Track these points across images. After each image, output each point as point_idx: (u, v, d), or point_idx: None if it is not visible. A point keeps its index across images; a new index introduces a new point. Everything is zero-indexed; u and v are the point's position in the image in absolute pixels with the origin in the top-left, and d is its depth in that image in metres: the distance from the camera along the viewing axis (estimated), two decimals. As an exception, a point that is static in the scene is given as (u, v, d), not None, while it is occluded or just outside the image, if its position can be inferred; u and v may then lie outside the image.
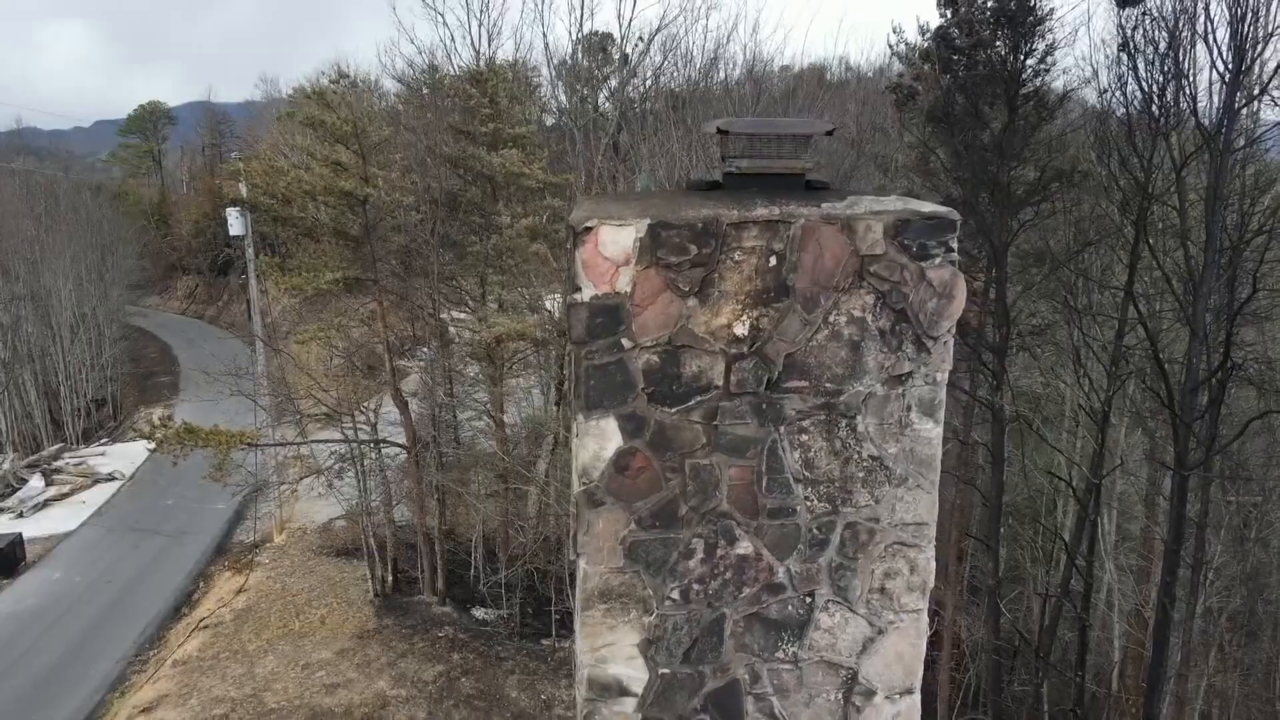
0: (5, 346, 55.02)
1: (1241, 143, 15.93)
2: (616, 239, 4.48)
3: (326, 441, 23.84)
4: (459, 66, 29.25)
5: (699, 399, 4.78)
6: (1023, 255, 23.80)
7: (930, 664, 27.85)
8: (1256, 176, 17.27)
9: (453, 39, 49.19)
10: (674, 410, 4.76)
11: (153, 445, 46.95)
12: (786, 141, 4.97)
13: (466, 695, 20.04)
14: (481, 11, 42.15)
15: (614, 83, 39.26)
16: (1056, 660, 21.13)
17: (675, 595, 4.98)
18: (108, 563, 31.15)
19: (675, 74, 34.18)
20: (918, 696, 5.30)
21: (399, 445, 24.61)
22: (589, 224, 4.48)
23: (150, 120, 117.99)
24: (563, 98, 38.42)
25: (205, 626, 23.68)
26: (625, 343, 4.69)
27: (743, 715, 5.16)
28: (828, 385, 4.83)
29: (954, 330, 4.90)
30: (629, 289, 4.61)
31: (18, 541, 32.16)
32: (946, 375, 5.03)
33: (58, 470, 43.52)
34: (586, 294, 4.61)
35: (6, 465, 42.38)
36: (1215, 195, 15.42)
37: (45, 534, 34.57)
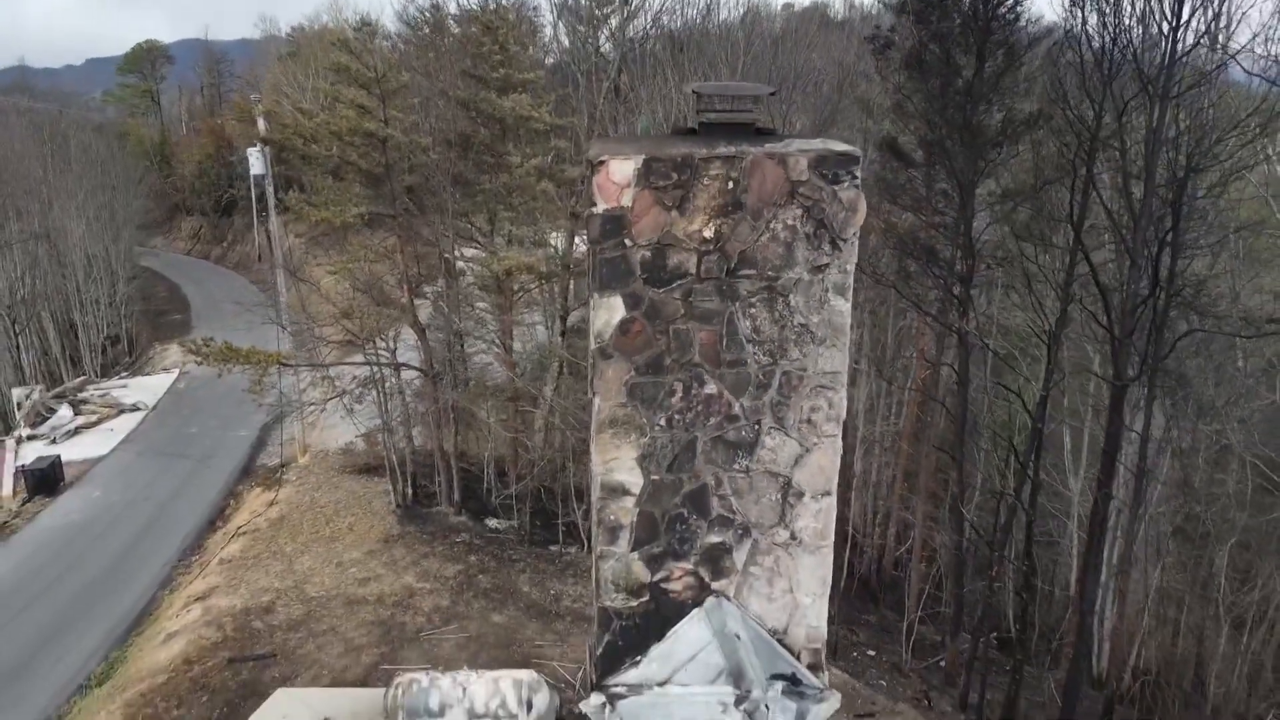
0: (24, 285, 56.55)
1: (1181, 88, 17.56)
2: (621, 168, 6.50)
3: (352, 364, 25.84)
4: (462, 5, 30.45)
5: (679, 282, 6.83)
6: (1003, 192, 25.55)
7: (903, 566, 30.31)
8: (1201, 117, 18.90)
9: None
10: (661, 290, 6.82)
11: (184, 369, 49.03)
12: (742, 100, 6.95)
13: (484, 589, 22.36)
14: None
15: (614, 22, 40.29)
16: (1011, 556, 23.41)
17: (662, 423, 7.07)
18: (143, 483, 33.37)
19: (675, 16, 35.38)
20: (834, 497, 7.42)
21: (417, 369, 26.63)
22: (602, 157, 6.51)
23: (147, 59, 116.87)
24: (564, 40, 39.59)
25: (244, 533, 25.96)
26: (627, 242, 6.74)
27: (710, 510, 7.29)
28: (769, 273, 6.87)
29: (858, 233, 6.91)
30: (630, 204, 6.65)
31: (57, 463, 34.39)
32: (854, 266, 7.04)
33: (84, 401, 45.55)
34: (600, 207, 6.64)
35: (35, 396, 44.43)
36: (1154, 137, 17.18)
37: (80, 458, 36.69)
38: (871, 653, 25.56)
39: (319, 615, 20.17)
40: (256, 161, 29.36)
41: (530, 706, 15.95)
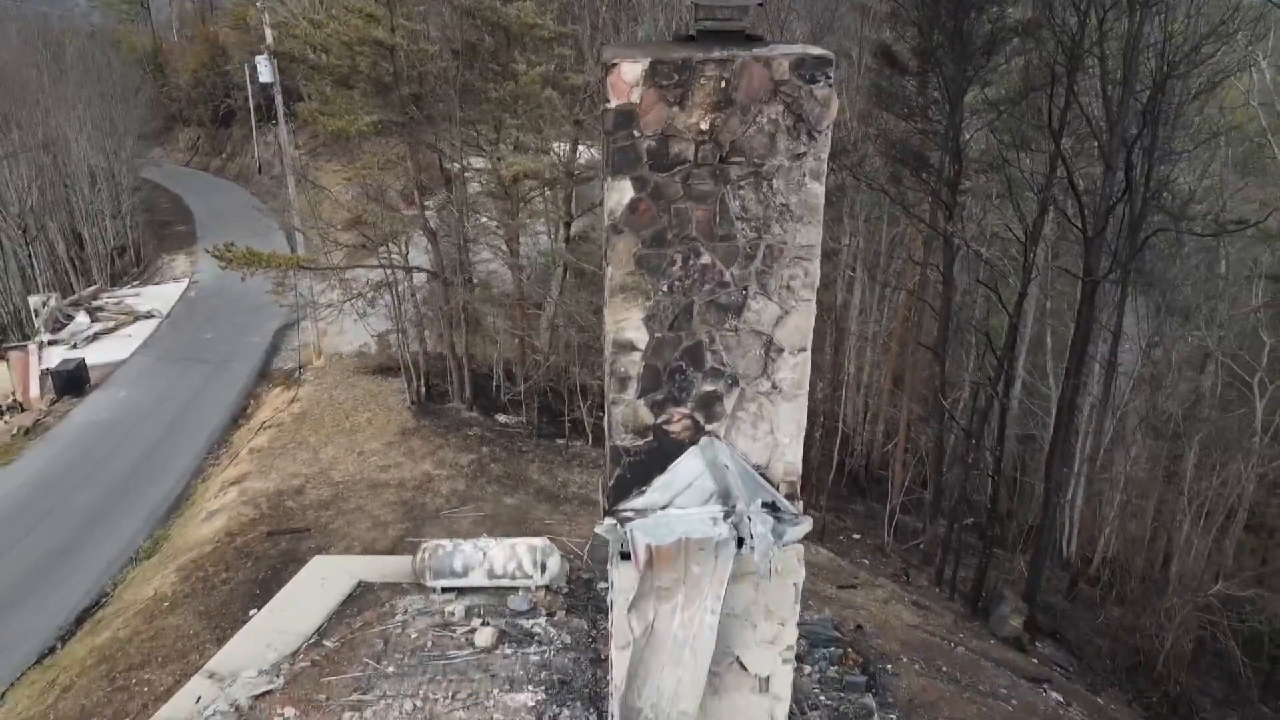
0: (30, 195, 57.03)
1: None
2: (631, 69, 7.65)
3: (368, 266, 27.06)
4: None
5: (679, 168, 8.06)
6: (990, 100, 26.39)
7: (890, 463, 32.06)
8: (1181, 24, 19.67)
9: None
10: (664, 174, 8.05)
11: (194, 279, 50.28)
12: (734, 10, 8.05)
13: (496, 476, 24.05)
14: None
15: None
16: (988, 445, 25.04)
17: (664, 288, 8.38)
18: (165, 384, 34.88)
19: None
20: (809, 353, 8.78)
21: (429, 271, 27.85)
22: (614, 60, 7.67)
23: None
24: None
25: (268, 427, 27.57)
26: (635, 133, 7.95)
27: (704, 363, 8.65)
28: (756, 160, 8.10)
29: (831, 126, 8.10)
30: (638, 101, 7.83)
31: (82, 365, 35.88)
32: (827, 155, 8.25)
33: (99, 308, 46.80)
34: (613, 103, 7.84)
35: (52, 303, 45.70)
36: (1133, 43, 18.01)
37: (102, 362, 38.12)
38: (857, 536, 27.49)
39: (346, 496, 21.88)
40: (265, 70, 29.82)
41: (544, 569, 17.75)
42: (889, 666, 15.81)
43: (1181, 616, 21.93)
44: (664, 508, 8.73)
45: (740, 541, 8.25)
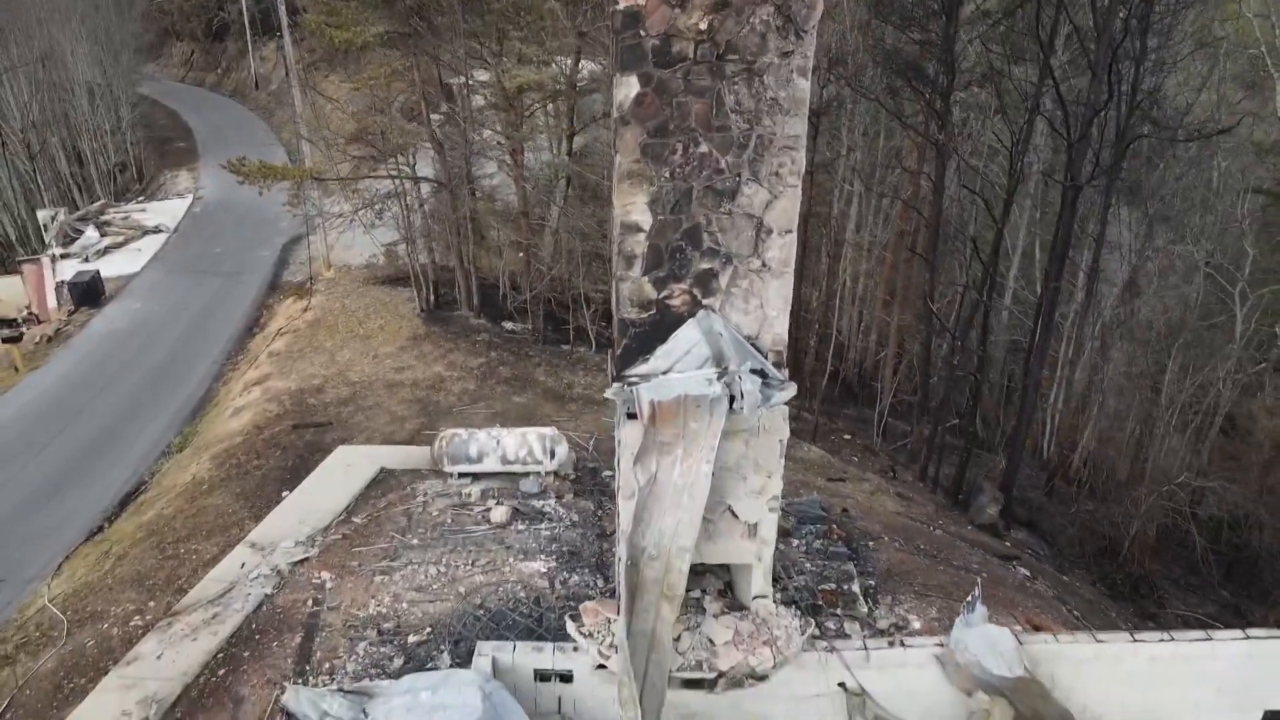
0: (31, 111, 56.91)
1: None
2: (639, -25, 8.44)
3: (377, 176, 27.81)
4: None
5: (680, 64, 8.96)
6: (985, 13, 26.83)
7: (880, 365, 33.31)
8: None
9: None
10: (667, 71, 8.96)
11: (198, 194, 50.79)
12: None
13: (505, 377, 25.26)
14: None
15: None
16: (972, 347, 26.19)
17: (666, 175, 9.36)
18: (179, 295, 35.87)
19: None
20: (794, 234, 9.80)
21: (436, 182, 28.60)
22: None
23: None
24: None
25: (285, 333, 28.68)
26: (641, 33, 8.83)
27: (702, 242, 9.68)
28: (749, 58, 9.00)
29: (816, 26, 8.98)
30: (644, 2, 8.67)
31: (97, 277, 36.79)
32: (813, 53, 9.14)
33: (107, 223, 47.43)
34: (622, 5, 8.70)
35: (61, 218, 46.31)
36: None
37: (114, 275, 39.01)
38: (848, 437, 28.89)
39: (364, 394, 23.13)
40: (268, -19, 29.92)
41: (553, 455, 19.10)
42: (870, 543, 17.20)
43: (1147, 504, 23.40)
44: (665, 372, 9.89)
45: (732, 400, 9.41)
